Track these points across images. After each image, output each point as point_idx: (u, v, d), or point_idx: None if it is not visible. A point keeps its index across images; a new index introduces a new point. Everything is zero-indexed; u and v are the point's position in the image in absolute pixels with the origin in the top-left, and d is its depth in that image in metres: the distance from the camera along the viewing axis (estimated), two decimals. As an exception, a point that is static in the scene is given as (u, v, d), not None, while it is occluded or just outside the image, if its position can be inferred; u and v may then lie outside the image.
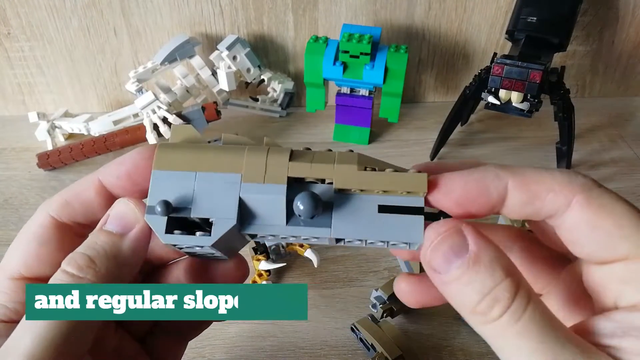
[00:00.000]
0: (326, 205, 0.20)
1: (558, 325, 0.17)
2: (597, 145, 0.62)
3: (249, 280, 0.44)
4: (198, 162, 0.20)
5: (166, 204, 0.19)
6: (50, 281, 0.20)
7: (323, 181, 0.20)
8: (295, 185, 0.20)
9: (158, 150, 0.20)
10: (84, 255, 0.20)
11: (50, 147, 0.62)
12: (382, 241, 0.20)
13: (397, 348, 0.38)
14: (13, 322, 0.20)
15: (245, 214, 0.20)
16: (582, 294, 0.20)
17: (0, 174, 0.60)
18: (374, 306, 0.42)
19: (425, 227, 0.19)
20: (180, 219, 0.20)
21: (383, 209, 0.19)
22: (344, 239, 0.20)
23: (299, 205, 0.19)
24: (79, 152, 0.59)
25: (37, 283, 0.21)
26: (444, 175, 0.20)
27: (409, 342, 0.40)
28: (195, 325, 0.27)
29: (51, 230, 0.22)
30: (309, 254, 0.46)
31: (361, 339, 0.40)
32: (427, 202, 0.20)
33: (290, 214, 0.20)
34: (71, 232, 0.22)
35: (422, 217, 0.19)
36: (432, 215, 0.20)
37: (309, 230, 0.20)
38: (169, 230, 0.20)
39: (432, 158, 0.60)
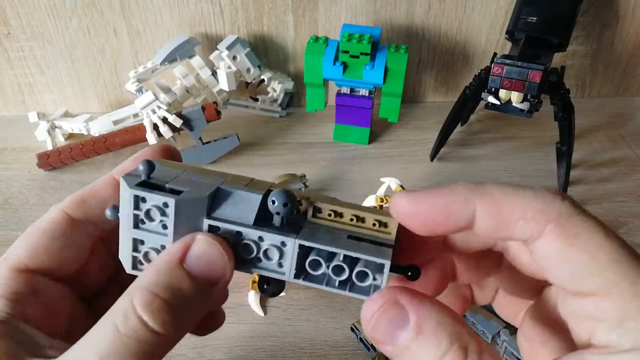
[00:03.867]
0: (297, 225, 0.20)
1: None
2: (597, 145, 0.62)
3: (249, 280, 0.44)
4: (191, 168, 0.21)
5: (149, 164, 0.19)
6: (123, 329, 0.18)
7: (298, 211, 0.20)
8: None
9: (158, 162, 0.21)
10: (164, 303, 0.18)
11: (50, 147, 0.62)
12: (346, 257, 0.19)
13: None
14: (11, 318, 0.20)
15: (216, 201, 0.20)
16: (560, 320, 0.20)
17: (0, 174, 0.60)
18: (374, 306, 0.42)
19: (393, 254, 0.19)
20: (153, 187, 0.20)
21: (353, 237, 0.20)
22: (305, 273, 0.19)
23: (273, 198, 0.19)
24: (79, 152, 0.59)
25: (39, 277, 0.22)
26: (409, 195, 0.19)
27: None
28: None
29: (64, 226, 0.22)
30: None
31: (361, 339, 0.40)
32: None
33: (260, 217, 0.20)
34: (83, 230, 0.22)
35: (390, 249, 0.19)
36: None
37: (273, 235, 0.19)
38: (141, 184, 0.19)
39: (432, 158, 0.60)
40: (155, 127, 0.58)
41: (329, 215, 0.20)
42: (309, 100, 0.63)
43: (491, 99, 0.51)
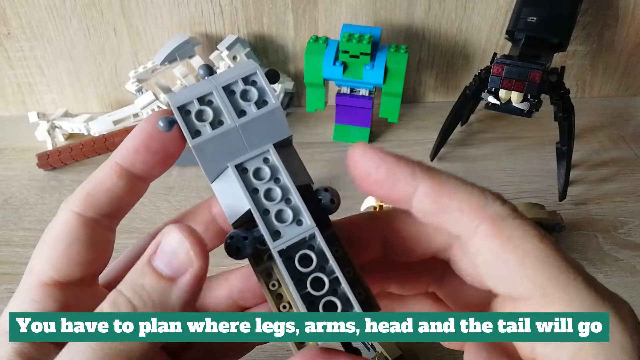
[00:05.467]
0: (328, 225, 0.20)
1: None
2: (597, 145, 0.62)
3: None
4: None
5: (209, 68, 0.20)
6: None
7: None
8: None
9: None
10: (129, 303, 0.18)
11: (50, 147, 0.62)
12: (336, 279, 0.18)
13: (397, 348, 0.38)
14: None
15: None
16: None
17: (0, 174, 0.60)
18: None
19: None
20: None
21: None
22: (290, 261, 0.19)
23: (327, 188, 0.20)
24: (79, 152, 0.59)
25: (70, 289, 0.20)
26: (368, 145, 0.19)
27: (409, 342, 0.40)
28: (238, 348, 0.26)
29: (77, 228, 0.20)
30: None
31: (361, 339, 0.40)
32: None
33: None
34: (99, 227, 0.21)
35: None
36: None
37: (304, 207, 0.19)
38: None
39: (432, 158, 0.60)
40: (155, 127, 0.58)
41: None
42: (309, 100, 0.63)
43: (491, 99, 0.51)
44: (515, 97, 0.49)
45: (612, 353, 0.15)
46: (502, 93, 0.50)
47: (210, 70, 0.20)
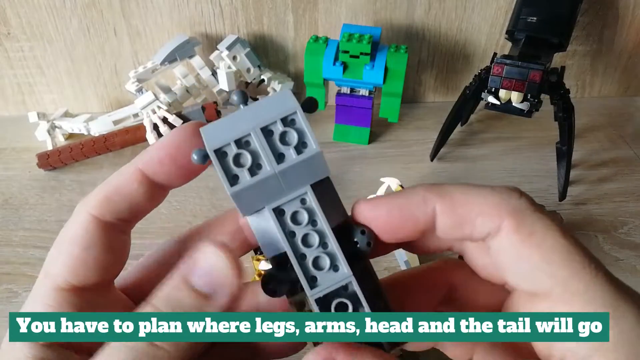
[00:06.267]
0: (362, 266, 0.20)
1: None
2: (597, 145, 0.62)
3: (248, 280, 0.44)
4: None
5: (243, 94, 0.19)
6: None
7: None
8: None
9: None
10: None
11: (50, 147, 0.62)
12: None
13: (397, 348, 0.38)
14: (56, 347, 0.19)
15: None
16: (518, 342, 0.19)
17: (0, 174, 0.60)
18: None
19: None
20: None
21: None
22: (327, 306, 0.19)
23: (364, 229, 0.19)
24: (79, 152, 0.59)
25: (86, 293, 0.20)
26: (369, 201, 0.19)
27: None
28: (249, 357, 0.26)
29: (94, 232, 0.20)
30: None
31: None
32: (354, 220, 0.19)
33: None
34: (116, 231, 0.20)
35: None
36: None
37: (340, 252, 0.19)
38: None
39: (432, 158, 0.60)
40: (155, 127, 0.58)
41: None
42: (309, 100, 0.63)
43: (491, 99, 0.51)
44: (515, 97, 0.49)
45: (634, 350, 0.15)
46: (502, 93, 0.50)
47: (244, 96, 0.19)
